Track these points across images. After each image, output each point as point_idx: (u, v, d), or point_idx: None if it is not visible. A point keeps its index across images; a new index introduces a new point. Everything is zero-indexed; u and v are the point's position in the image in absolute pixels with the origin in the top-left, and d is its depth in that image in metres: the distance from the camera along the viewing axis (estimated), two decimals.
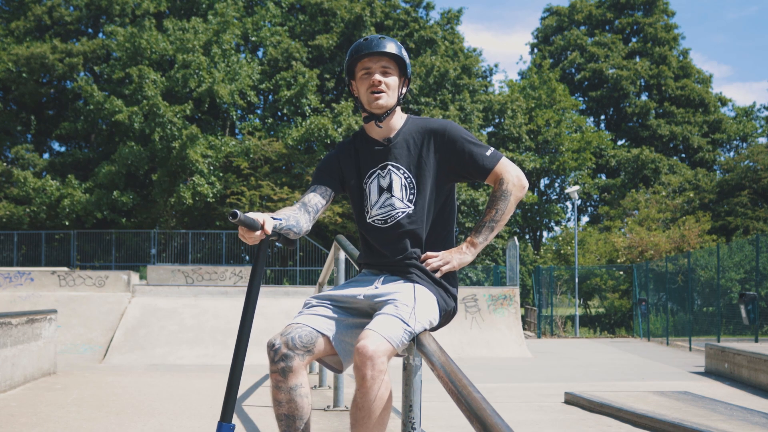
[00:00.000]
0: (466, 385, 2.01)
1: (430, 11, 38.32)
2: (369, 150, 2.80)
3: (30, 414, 5.33)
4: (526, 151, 36.98)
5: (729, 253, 21.65)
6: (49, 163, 33.72)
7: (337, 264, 5.65)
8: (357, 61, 2.76)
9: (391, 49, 2.72)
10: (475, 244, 2.72)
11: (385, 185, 2.75)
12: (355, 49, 2.76)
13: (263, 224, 2.43)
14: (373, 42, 2.74)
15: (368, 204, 2.77)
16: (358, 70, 2.77)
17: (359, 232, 2.86)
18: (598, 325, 28.95)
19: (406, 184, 2.74)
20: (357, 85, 2.79)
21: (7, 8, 35.46)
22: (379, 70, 2.73)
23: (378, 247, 2.76)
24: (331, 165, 2.84)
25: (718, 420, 7.62)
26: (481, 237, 2.72)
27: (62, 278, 18.32)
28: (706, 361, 13.66)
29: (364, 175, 2.79)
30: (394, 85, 2.75)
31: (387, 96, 2.73)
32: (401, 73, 2.79)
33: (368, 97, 2.74)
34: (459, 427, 6.22)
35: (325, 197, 2.77)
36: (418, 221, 2.72)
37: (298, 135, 31.15)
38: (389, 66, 2.75)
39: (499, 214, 2.71)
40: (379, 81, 2.72)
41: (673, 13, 46.66)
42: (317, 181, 2.81)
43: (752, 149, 36.50)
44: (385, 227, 2.73)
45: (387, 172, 2.76)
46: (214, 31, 32.25)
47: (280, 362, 2.48)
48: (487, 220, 2.72)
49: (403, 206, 2.72)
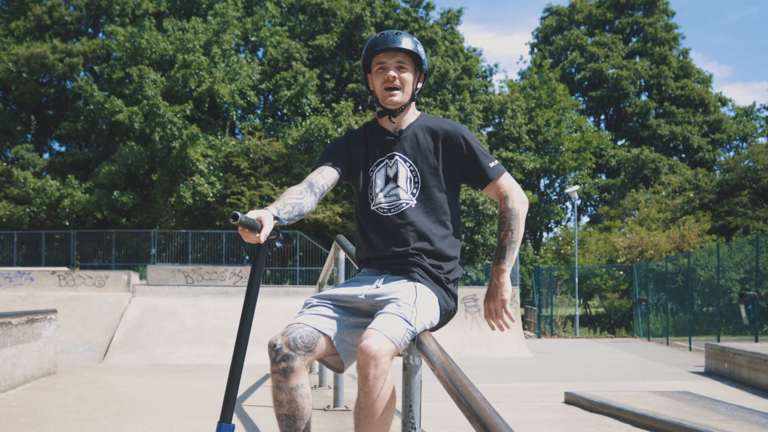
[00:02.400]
0: (466, 385, 2.01)
1: (430, 11, 38.33)
2: (379, 138, 2.83)
3: (30, 414, 5.33)
4: (526, 151, 36.98)
5: (729, 253, 21.65)
6: (49, 163, 33.72)
7: (337, 264, 5.65)
8: (373, 55, 2.79)
9: (406, 45, 2.75)
10: (504, 270, 2.70)
11: (391, 175, 2.77)
12: (371, 44, 2.79)
13: (262, 227, 2.40)
14: (389, 37, 2.76)
15: (373, 191, 2.78)
16: (374, 64, 2.80)
17: (358, 223, 2.85)
18: (598, 325, 28.95)
19: (411, 176, 2.76)
20: (372, 79, 2.83)
21: (7, 8, 35.45)
22: (394, 65, 2.76)
23: (378, 238, 2.74)
24: (340, 148, 2.84)
25: (718, 420, 7.61)
26: (507, 261, 2.71)
27: (62, 278, 18.32)
28: (706, 361, 13.66)
29: (372, 162, 2.81)
30: (408, 81, 2.78)
31: (401, 92, 2.77)
32: (417, 68, 2.82)
33: (383, 92, 2.77)
34: (459, 427, 6.23)
35: (332, 179, 2.77)
36: (420, 215, 2.73)
37: (298, 135, 31.15)
38: (405, 62, 2.77)
39: (516, 234, 2.72)
40: (394, 77, 2.75)
41: (673, 13, 46.70)
42: (325, 161, 2.80)
43: (752, 149, 36.51)
44: (390, 215, 2.73)
45: (394, 162, 2.78)
46: (214, 31, 32.24)
47: (281, 362, 2.47)
48: (506, 243, 2.72)
49: (407, 197, 2.74)
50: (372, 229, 2.77)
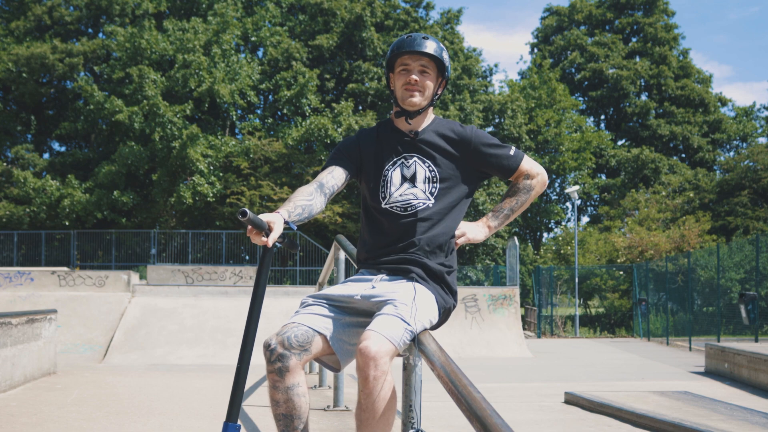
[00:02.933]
0: (466, 385, 2.01)
1: (430, 11, 38.33)
2: (394, 138, 2.84)
3: (30, 414, 5.33)
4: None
5: (729, 253, 21.65)
6: (49, 163, 33.72)
7: (337, 264, 5.65)
8: (398, 56, 2.80)
9: (431, 50, 2.77)
10: (490, 228, 2.85)
11: (408, 175, 2.78)
12: (397, 45, 2.81)
13: (271, 231, 2.42)
14: (416, 41, 2.78)
15: (387, 190, 2.78)
16: (398, 65, 2.82)
17: (366, 220, 2.85)
18: (598, 325, 28.95)
19: (431, 177, 2.77)
20: (394, 79, 2.84)
21: (7, 8, 35.45)
22: (417, 68, 2.78)
23: (387, 235, 2.75)
24: (351, 148, 2.86)
25: (718, 420, 7.61)
26: (497, 221, 2.85)
27: (62, 278, 18.31)
28: (706, 361, 13.65)
29: (386, 161, 2.81)
30: (430, 86, 2.80)
31: (421, 95, 2.78)
32: (439, 74, 2.84)
33: (403, 93, 2.79)
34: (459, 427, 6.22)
35: (342, 180, 2.79)
36: (435, 216, 2.74)
37: (298, 135, 31.15)
38: (428, 66, 2.79)
39: (518, 205, 2.84)
40: (416, 80, 2.77)
41: (673, 13, 46.68)
42: (335, 161, 2.82)
43: (752, 149, 36.50)
44: (403, 214, 2.74)
45: (412, 162, 2.79)
46: (214, 31, 32.25)
47: (276, 362, 2.48)
48: (505, 207, 2.84)
49: (424, 197, 2.75)
50: (382, 226, 2.77)
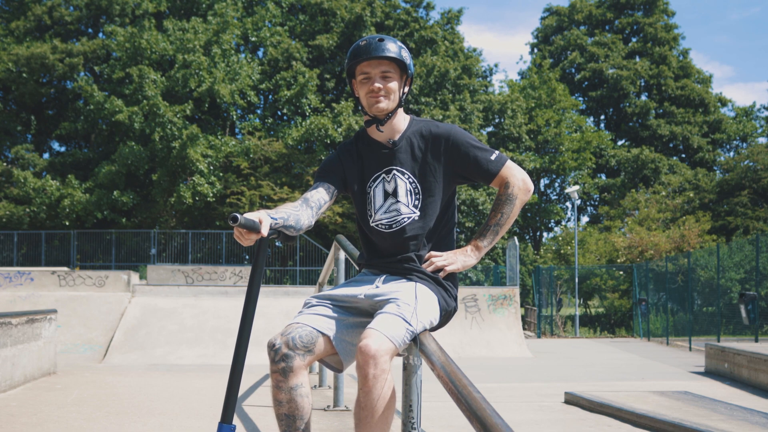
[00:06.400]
0: (466, 385, 2.01)
1: (430, 11, 38.34)
2: (373, 153, 2.76)
3: (30, 414, 5.33)
4: (526, 151, 36.96)
5: (729, 253, 21.65)
6: (49, 163, 33.71)
7: (337, 264, 5.65)
8: (356, 64, 2.71)
9: (391, 53, 2.66)
10: (480, 248, 2.72)
11: (390, 190, 2.72)
12: (354, 53, 2.70)
13: (260, 225, 2.39)
14: (371, 46, 2.66)
15: (372, 208, 2.74)
16: (358, 73, 2.72)
17: (360, 233, 2.85)
18: (598, 325, 28.95)
19: (412, 189, 2.71)
20: (357, 86, 2.75)
21: (7, 8, 35.45)
22: (378, 75, 2.68)
23: (381, 249, 2.75)
24: (333, 167, 2.79)
25: (718, 420, 7.61)
26: (486, 240, 2.71)
27: (62, 278, 18.31)
28: (706, 361, 13.65)
29: (368, 178, 2.76)
30: (394, 89, 2.70)
31: (387, 99, 2.69)
32: (402, 73, 2.74)
33: (368, 101, 2.70)
34: (459, 427, 6.22)
35: (329, 194, 2.72)
36: (423, 226, 2.71)
37: (298, 135, 31.15)
38: (389, 69, 2.69)
39: (503, 218, 2.70)
40: (379, 88, 2.67)
41: (673, 13, 46.68)
42: (320, 179, 2.77)
43: (752, 149, 36.52)
44: (389, 232, 2.71)
45: (392, 177, 2.73)
46: (214, 31, 32.24)
47: (280, 362, 2.47)
48: (491, 224, 2.71)
49: (408, 211, 2.70)
50: (374, 243, 2.77)
